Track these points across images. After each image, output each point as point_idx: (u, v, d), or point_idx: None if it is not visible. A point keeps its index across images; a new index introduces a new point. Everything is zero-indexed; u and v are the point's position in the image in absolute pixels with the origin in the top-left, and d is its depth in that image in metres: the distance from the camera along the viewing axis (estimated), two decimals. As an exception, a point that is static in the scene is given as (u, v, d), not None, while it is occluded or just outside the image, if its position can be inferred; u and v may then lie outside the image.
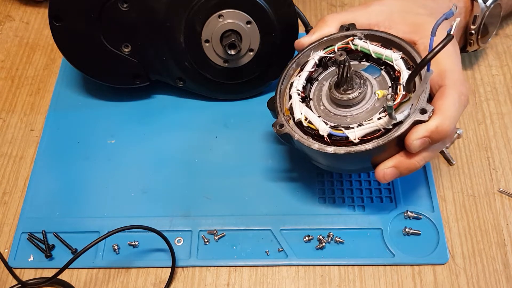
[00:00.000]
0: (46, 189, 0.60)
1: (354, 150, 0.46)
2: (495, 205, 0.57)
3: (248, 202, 0.58)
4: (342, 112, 0.50)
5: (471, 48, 0.62)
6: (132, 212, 0.57)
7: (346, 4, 0.76)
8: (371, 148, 0.46)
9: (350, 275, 0.53)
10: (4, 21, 0.77)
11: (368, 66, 0.52)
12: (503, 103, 0.64)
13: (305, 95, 0.52)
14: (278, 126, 0.50)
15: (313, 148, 0.48)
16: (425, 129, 0.45)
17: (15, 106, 0.68)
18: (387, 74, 0.50)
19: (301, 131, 0.50)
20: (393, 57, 0.49)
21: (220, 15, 0.57)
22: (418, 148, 0.46)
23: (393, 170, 0.48)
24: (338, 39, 0.53)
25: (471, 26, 0.59)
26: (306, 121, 0.49)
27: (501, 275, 0.52)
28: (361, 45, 0.51)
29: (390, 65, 0.50)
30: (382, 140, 0.46)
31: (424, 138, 0.46)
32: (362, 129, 0.47)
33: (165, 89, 0.66)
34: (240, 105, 0.66)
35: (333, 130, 0.48)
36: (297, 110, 0.50)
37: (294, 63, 0.54)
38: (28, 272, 0.54)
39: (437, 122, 0.45)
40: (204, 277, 0.54)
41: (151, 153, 0.62)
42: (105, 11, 0.57)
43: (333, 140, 0.48)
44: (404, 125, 0.46)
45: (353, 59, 0.52)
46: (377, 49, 0.51)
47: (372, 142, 0.46)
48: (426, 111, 0.45)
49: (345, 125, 0.48)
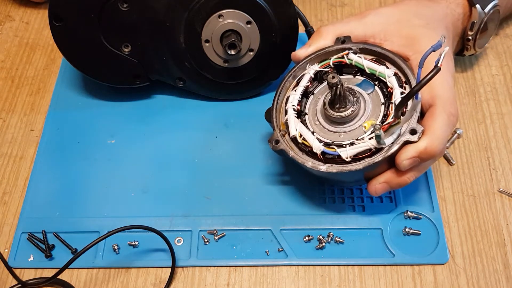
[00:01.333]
0: (46, 189, 0.60)
1: (346, 169, 0.48)
2: (495, 205, 0.57)
3: (248, 202, 0.58)
4: (336, 129, 0.51)
5: (468, 52, 0.62)
6: (132, 212, 0.57)
7: (346, 4, 0.76)
8: (362, 168, 0.47)
9: (350, 275, 0.53)
10: (4, 21, 0.77)
11: (362, 80, 0.53)
12: (503, 103, 0.64)
13: (300, 110, 0.53)
14: (274, 142, 0.51)
15: (307, 166, 0.49)
16: (415, 150, 0.46)
17: (15, 106, 0.68)
18: (380, 90, 0.51)
19: (296, 147, 0.51)
20: (386, 73, 0.50)
21: (220, 15, 0.57)
22: (407, 167, 0.47)
23: (384, 186, 0.50)
24: (334, 52, 0.54)
25: (469, 32, 0.59)
26: (300, 138, 0.51)
27: (501, 275, 0.52)
28: (356, 60, 0.52)
29: (383, 82, 0.51)
30: (373, 160, 0.47)
31: (414, 158, 0.47)
32: (354, 148, 0.48)
33: (165, 89, 0.66)
34: (240, 105, 0.66)
35: (326, 149, 0.49)
36: (292, 127, 0.51)
37: (291, 76, 0.55)
38: (28, 272, 0.54)
39: (426, 143, 0.46)
40: (204, 277, 0.54)
41: (151, 153, 0.62)
42: (105, 11, 0.57)
43: (326, 158, 0.49)
44: (394, 146, 0.47)
45: (348, 73, 0.54)
46: (371, 64, 0.51)
47: (363, 161, 0.48)
48: (416, 131, 0.46)
49: (339, 141, 0.50)
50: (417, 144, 0.46)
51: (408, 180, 0.49)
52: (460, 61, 0.68)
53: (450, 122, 0.48)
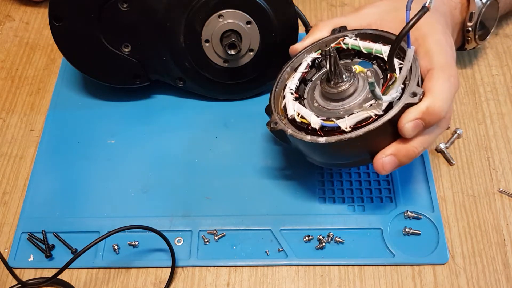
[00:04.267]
0: (46, 189, 0.60)
1: (346, 137, 0.46)
2: (495, 205, 0.57)
3: (248, 202, 0.58)
4: (335, 106, 0.50)
5: (469, 45, 0.62)
6: (132, 212, 0.57)
7: (346, 4, 0.76)
8: (362, 134, 0.45)
9: (350, 275, 0.53)
10: (4, 21, 0.77)
11: (360, 62, 0.53)
12: (503, 103, 0.64)
13: (299, 95, 0.53)
14: (272, 124, 0.51)
15: (305, 140, 0.48)
16: (416, 111, 0.45)
17: (15, 106, 0.68)
18: (379, 67, 0.51)
19: (294, 127, 0.50)
20: (382, 49, 0.50)
21: (220, 15, 0.57)
22: (412, 132, 0.46)
23: (391, 159, 0.47)
24: (330, 41, 0.54)
25: (468, 23, 0.60)
26: (298, 117, 0.50)
27: (501, 275, 0.52)
28: (352, 43, 0.53)
29: (380, 58, 0.51)
30: (373, 125, 0.45)
31: (416, 120, 0.45)
32: (353, 117, 0.47)
33: (165, 89, 0.66)
34: (240, 105, 0.66)
35: (324, 122, 0.48)
36: (290, 108, 0.51)
37: (289, 67, 0.55)
38: (28, 272, 0.54)
39: (428, 103, 0.45)
40: (204, 277, 0.54)
41: (151, 153, 0.62)
42: (105, 11, 0.57)
43: (325, 131, 0.48)
44: (395, 109, 0.45)
45: (346, 58, 0.54)
46: (367, 44, 0.52)
47: (363, 128, 0.46)
48: (416, 94, 0.45)
49: (338, 116, 0.49)
50: (419, 105, 0.45)
51: (416, 150, 0.47)
52: (460, 61, 0.68)
53: (451, 83, 0.47)
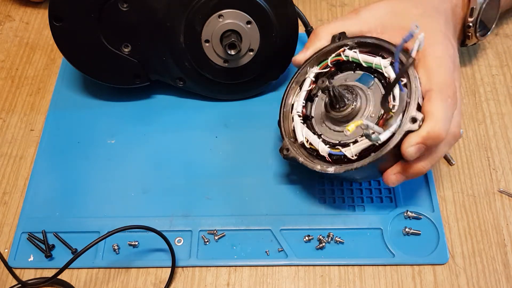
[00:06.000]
0: (46, 189, 0.60)
1: (352, 167, 0.48)
2: (495, 205, 0.57)
3: (248, 202, 0.58)
4: (341, 128, 0.52)
5: (470, 41, 0.62)
6: (132, 212, 0.57)
7: (346, 4, 0.76)
8: (368, 164, 0.47)
9: (350, 275, 0.53)
10: (4, 21, 0.77)
11: (362, 74, 0.53)
12: (503, 103, 0.64)
13: (306, 114, 0.54)
14: (285, 150, 0.53)
15: (316, 170, 0.50)
16: (417, 136, 0.46)
17: (15, 106, 0.68)
18: (380, 82, 0.51)
19: (305, 151, 0.52)
20: (382, 64, 0.50)
21: (220, 15, 0.57)
22: (414, 155, 0.46)
23: (399, 176, 0.49)
24: (331, 51, 0.54)
25: (469, 19, 0.59)
26: (307, 143, 0.52)
27: (501, 275, 0.52)
28: (352, 56, 0.52)
29: (381, 73, 0.51)
30: (376, 155, 0.47)
31: (418, 144, 0.46)
32: (357, 145, 0.49)
33: (165, 89, 0.66)
34: (240, 105, 0.66)
35: (331, 150, 0.50)
36: (299, 133, 0.53)
37: (293, 82, 0.56)
38: (28, 272, 0.54)
39: (428, 128, 0.46)
40: (204, 277, 0.54)
41: (151, 153, 0.62)
42: (105, 11, 0.57)
43: (333, 159, 0.50)
44: (396, 137, 0.46)
45: (348, 70, 0.54)
46: (366, 57, 0.51)
47: (368, 158, 0.48)
48: (416, 120, 0.46)
49: (345, 140, 0.50)
50: (419, 131, 0.46)
51: (423, 168, 0.48)
52: (461, 60, 0.68)
53: (448, 105, 0.47)
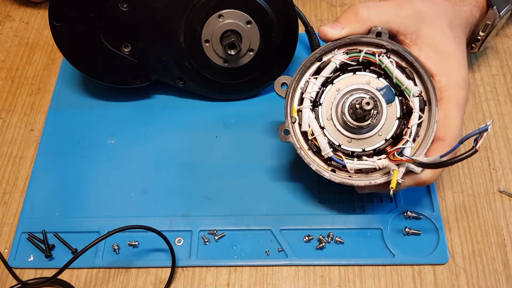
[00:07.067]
0: (46, 189, 0.60)
1: (348, 183, 0.49)
2: (495, 205, 0.57)
3: (248, 202, 0.58)
4: (348, 133, 0.50)
5: (471, 51, 0.62)
6: (132, 212, 0.57)
7: (346, 4, 0.75)
8: (363, 186, 0.49)
9: (350, 275, 0.53)
10: (4, 21, 0.77)
11: (385, 86, 0.50)
12: (503, 103, 0.64)
13: (315, 99, 0.51)
14: (284, 132, 0.50)
15: (312, 169, 0.50)
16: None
17: (15, 106, 0.68)
18: (400, 104, 0.50)
19: (303, 140, 0.51)
20: (412, 92, 0.49)
21: (220, 15, 0.57)
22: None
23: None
24: (365, 44, 0.50)
25: (480, 33, 0.59)
26: (311, 136, 0.50)
27: (501, 275, 0.52)
28: (386, 65, 0.50)
29: (405, 97, 0.50)
30: (375, 181, 0.49)
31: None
32: (360, 163, 0.49)
33: (165, 89, 0.66)
34: (240, 105, 0.66)
35: (334, 155, 0.50)
36: (305, 122, 0.50)
37: (316, 59, 0.51)
38: (28, 272, 0.54)
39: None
40: (204, 277, 0.54)
41: (151, 153, 0.62)
42: (105, 11, 0.57)
43: (331, 163, 0.50)
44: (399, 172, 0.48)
45: (373, 73, 0.51)
46: (400, 77, 0.49)
47: (365, 180, 0.49)
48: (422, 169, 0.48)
49: (347, 147, 0.50)
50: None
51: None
52: (460, 61, 0.68)
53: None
